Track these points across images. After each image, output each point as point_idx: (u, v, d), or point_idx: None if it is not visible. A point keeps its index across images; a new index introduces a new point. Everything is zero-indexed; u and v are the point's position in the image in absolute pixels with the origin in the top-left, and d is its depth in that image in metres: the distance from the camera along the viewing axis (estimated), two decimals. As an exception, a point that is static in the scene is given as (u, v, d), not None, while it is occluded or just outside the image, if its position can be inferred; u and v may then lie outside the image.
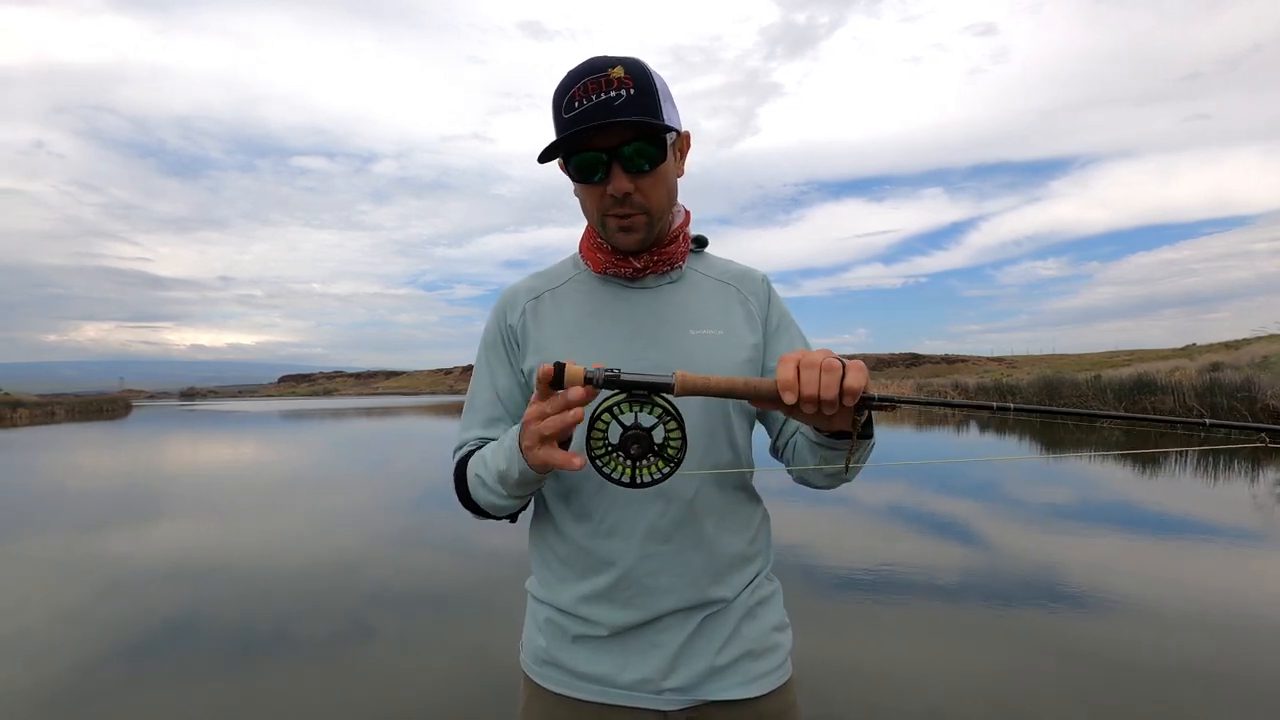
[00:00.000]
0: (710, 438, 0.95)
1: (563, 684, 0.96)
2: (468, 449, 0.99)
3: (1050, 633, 3.40)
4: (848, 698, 2.74)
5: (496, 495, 0.90)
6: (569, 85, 0.88)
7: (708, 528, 0.94)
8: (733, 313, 1.02)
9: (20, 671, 3.20)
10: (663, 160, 0.91)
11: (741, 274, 1.07)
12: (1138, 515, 6.20)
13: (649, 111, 0.87)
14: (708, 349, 0.97)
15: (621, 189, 0.90)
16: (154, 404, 71.74)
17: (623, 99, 0.85)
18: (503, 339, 1.02)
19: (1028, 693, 2.77)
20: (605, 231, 0.96)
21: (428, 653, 3.31)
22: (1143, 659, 3.07)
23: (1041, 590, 4.04)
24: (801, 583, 4.28)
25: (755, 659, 0.97)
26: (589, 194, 0.94)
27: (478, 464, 0.92)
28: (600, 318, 0.99)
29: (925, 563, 4.67)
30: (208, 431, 22.81)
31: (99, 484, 10.06)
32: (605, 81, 0.86)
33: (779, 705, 0.98)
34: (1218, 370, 16.50)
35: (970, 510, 6.54)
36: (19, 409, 30.02)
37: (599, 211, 0.94)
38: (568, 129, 0.87)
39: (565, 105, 0.88)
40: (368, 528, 6.32)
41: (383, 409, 39.63)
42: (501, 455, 0.87)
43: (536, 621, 1.01)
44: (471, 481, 0.92)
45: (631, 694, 0.93)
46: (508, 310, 1.03)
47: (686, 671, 0.93)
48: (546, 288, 1.03)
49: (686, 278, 1.03)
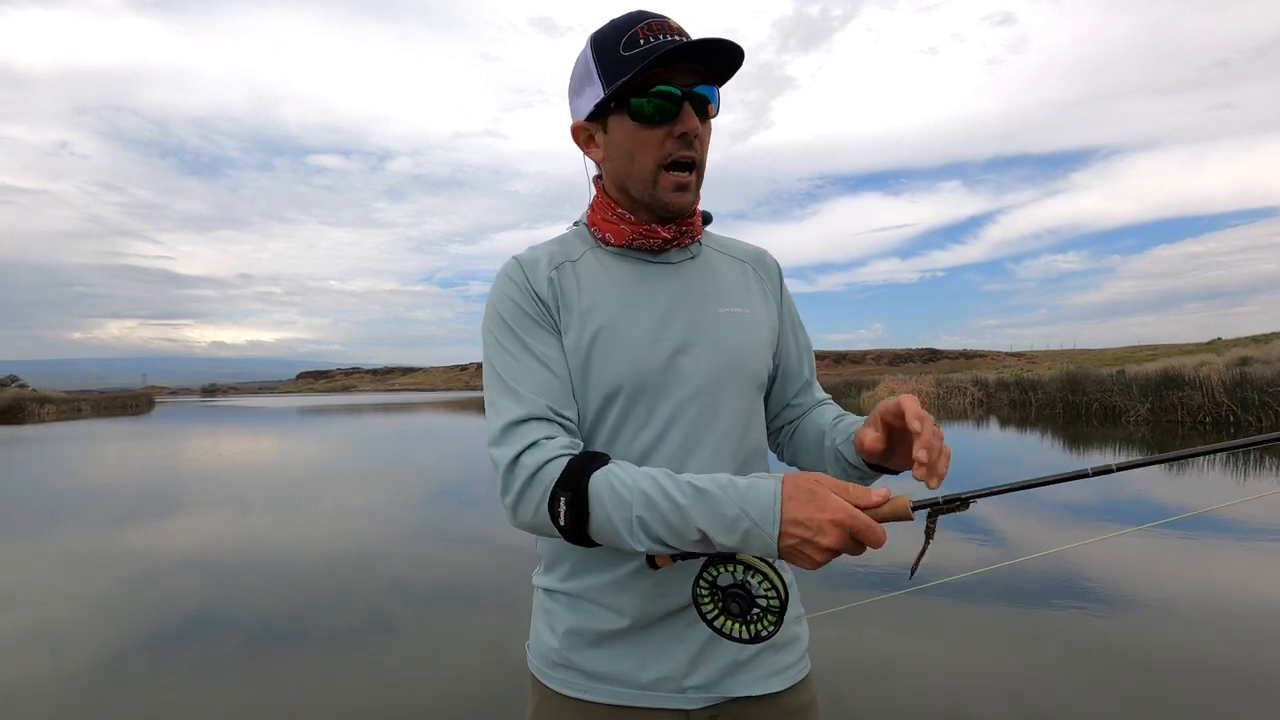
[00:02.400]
0: (748, 420, 0.95)
1: (576, 687, 0.90)
2: (560, 450, 0.80)
3: (1072, 632, 3.34)
4: (865, 698, 2.71)
5: (664, 547, 0.75)
6: (625, 26, 0.85)
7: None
8: (753, 291, 1.00)
9: (48, 662, 3.27)
10: (716, 114, 0.90)
11: (755, 254, 1.05)
12: (1163, 511, 6.08)
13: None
14: (738, 327, 0.95)
15: (694, 126, 0.86)
16: (176, 400, 73.02)
17: (686, 41, 0.83)
18: (536, 304, 0.89)
19: (1049, 694, 2.72)
20: (657, 189, 0.88)
21: (446, 646, 3.33)
22: (1168, 660, 3.01)
23: (1063, 589, 3.97)
24: (816, 580, 4.24)
25: (776, 652, 0.94)
26: (647, 141, 0.86)
27: (641, 504, 0.74)
28: (631, 293, 0.92)
29: (943, 560, 4.61)
30: (229, 427, 23.16)
31: (125, 478, 10.24)
32: (668, 25, 0.84)
33: (801, 700, 0.95)
34: (1247, 365, 16.13)
35: (987, 505, 6.44)
36: (46, 405, 30.66)
37: (657, 162, 0.87)
38: (635, 64, 0.82)
39: (626, 44, 0.84)
40: (386, 522, 6.36)
41: (400, 405, 40.01)
42: (716, 524, 0.71)
43: (548, 617, 0.95)
44: (622, 520, 0.74)
45: (652, 694, 0.88)
46: (530, 277, 0.90)
47: (709, 668, 0.89)
48: (565, 258, 0.93)
49: (704, 254, 0.99)
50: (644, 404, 0.88)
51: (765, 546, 0.70)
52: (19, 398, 30.54)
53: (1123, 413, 15.16)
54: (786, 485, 0.71)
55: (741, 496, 0.71)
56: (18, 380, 45.20)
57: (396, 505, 7.40)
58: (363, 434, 19.46)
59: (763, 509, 0.70)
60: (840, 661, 3.03)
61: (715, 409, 0.90)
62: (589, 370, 0.88)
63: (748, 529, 0.70)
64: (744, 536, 0.70)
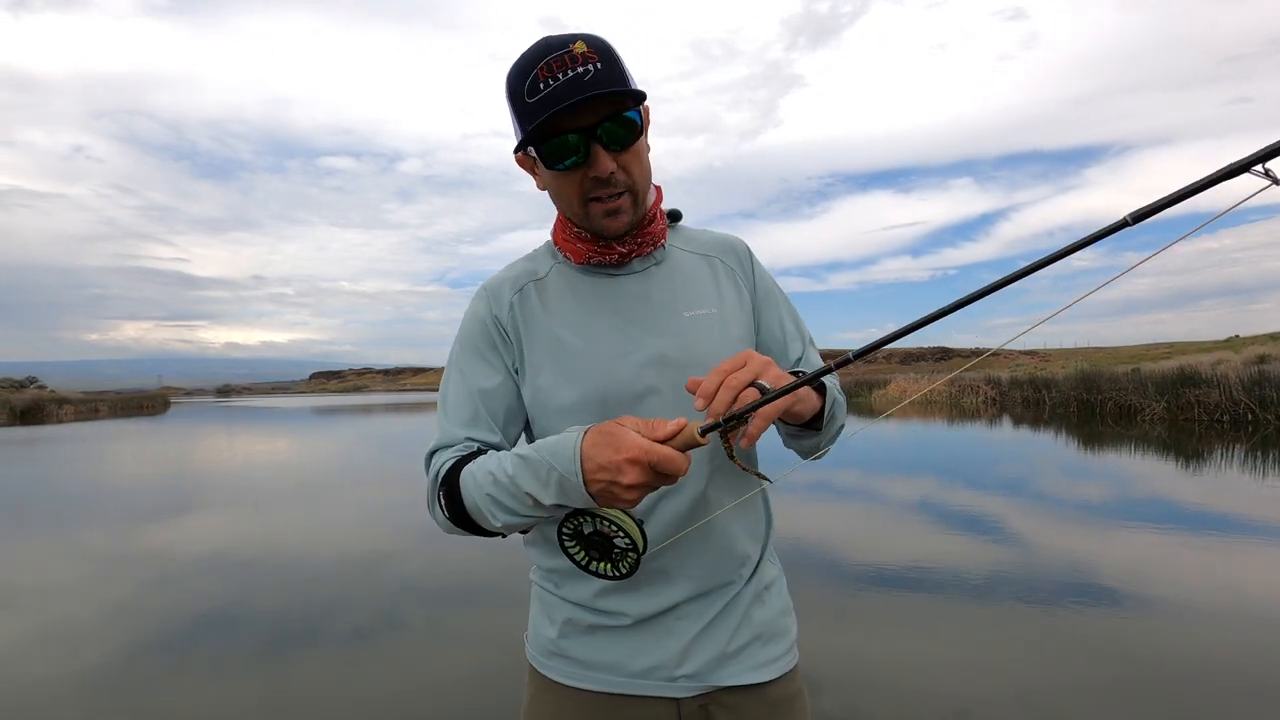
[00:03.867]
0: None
1: (571, 675, 0.94)
2: (453, 456, 0.89)
3: (1085, 632, 3.31)
4: (875, 697, 2.70)
5: (518, 518, 0.82)
6: (528, 67, 0.82)
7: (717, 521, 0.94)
8: (722, 286, 0.99)
9: (67, 659, 3.31)
10: (640, 134, 0.87)
11: (721, 243, 1.04)
12: (1178, 511, 6.01)
13: (620, 83, 0.82)
14: (704, 329, 0.95)
15: (605, 169, 0.84)
16: (191, 400, 73.82)
17: (591, 74, 0.80)
18: (492, 333, 0.95)
19: (1062, 694, 2.70)
20: (588, 219, 0.90)
21: (460, 643, 3.35)
22: (1183, 661, 2.97)
23: (1076, 588, 3.94)
24: (828, 579, 4.23)
25: (765, 644, 0.97)
26: (566, 181, 0.87)
27: (489, 483, 0.82)
28: (592, 309, 0.94)
29: (955, 559, 4.58)
30: (244, 427, 23.38)
31: (142, 478, 10.37)
32: (569, 58, 0.80)
33: (788, 690, 0.98)
34: (1265, 363, 15.89)
35: (1002, 505, 6.39)
36: (65, 406, 31.10)
37: (580, 198, 0.88)
38: (537, 113, 0.81)
39: (528, 89, 0.82)
40: (399, 521, 6.41)
41: (410, 405, 40.22)
42: (533, 480, 0.78)
43: (548, 615, 0.98)
44: (480, 500, 0.83)
45: (643, 682, 0.92)
46: (493, 303, 0.96)
47: (699, 657, 0.92)
48: (530, 279, 0.97)
49: (670, 256, 0.99)
50: (614, 416, 0.90)
51: (578, 494, 0.74)
52: (38, 399, 30.98)
53: (1138, 411, 14.98)
54: (588, 434, 0.75)
55: (550, 452, 0.76)
56: (36, 381, 45.86)
57: (409, 505, 7.45)
58: (375, 433, 19.59)
59: (565, 460, 0.75)
60: (850, 662, 3.02)
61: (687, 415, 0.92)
62: (557, 387, 0.91)
63: (559, 480, 0.75)
64: (558, 488, 0.75)
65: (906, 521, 5.91)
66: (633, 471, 0.71)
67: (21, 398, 30.56)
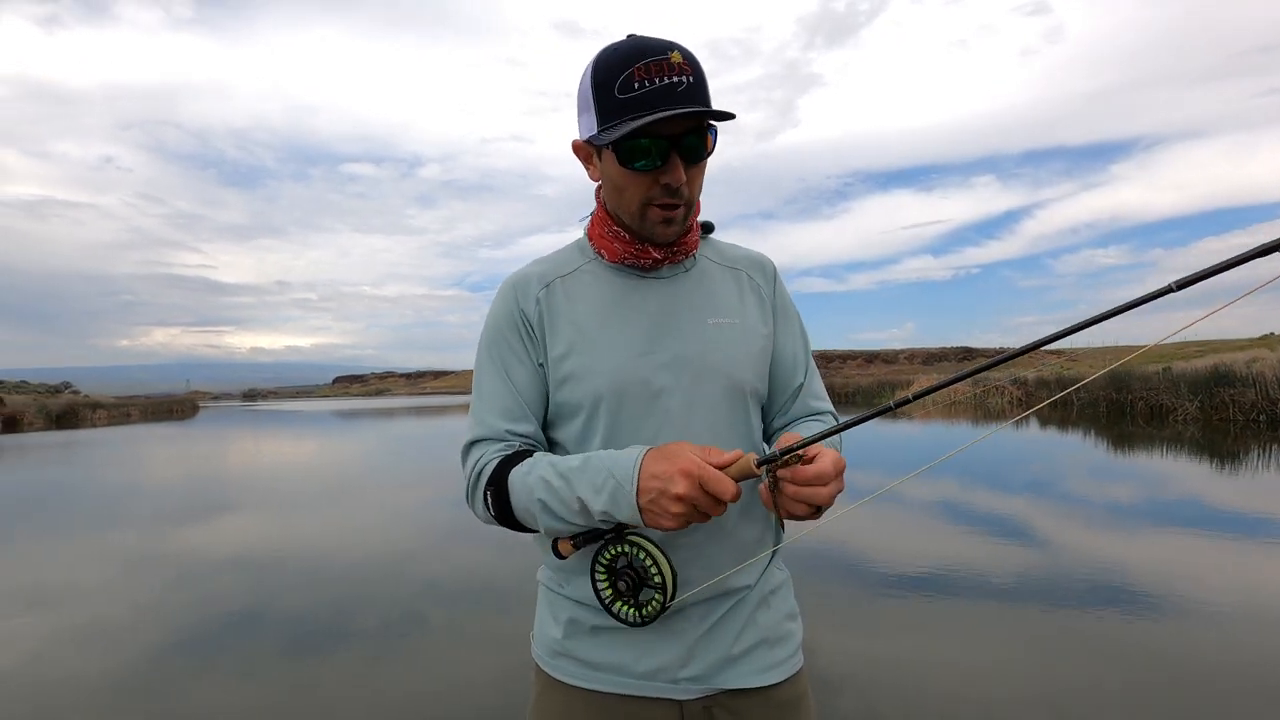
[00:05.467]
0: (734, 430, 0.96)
1: (577, 675, 0.95)
2: (497, 454, 0.91)
3: (1113, 637, 3.23)
4: (898, 702, 2.66)
5: (563, 524, 0.84)
6: (623, 64, 0.84)
7: (729, 520, 0.94)
8: (746, 300, 1.02)
9: (97, 657, 3.39)
10: (712, 152, 0.90)
11: (750, 260, 1.06)
12: (1212, 513, 5.85)
13: (708, 101, 0.86)
14: (726, 338, 0.97)
15: (679, 179, 0.87)
16: (218, 405, 75.26)
17: (684, 85, 0.83)
18: (519, 327, 0.96)
19: (1090, 702, 2.64)
20: (644, 222, 0.92)
21: (477, 643, 3.37)
22: (1215, 669, 2.89)
23: (1106, 593, 3.85)
24: (850, 581, 4.18)
25: (770, 647, 0.97)
26: (635, 181, 0.89)
27: (540, 488, 0.84)
28: (619, 308, 0.96)
29: (981, 562, 4.51)
30: (270, 430, 23.78)
31: (172, 480, 10.59)
32: (667, 65, 0.83)
33: (792, 693, 0.98)
34: (1302, 360, 15.41)
35: (1028, 507, 6.28)
36: (98, 410, 31.95)
37: (643, 200, 0.90)
38: (630, 110, 0.83)
39: (620, 85, 0.84)
40: (421, 522, 6.47)
41: (433, 408, 40.61)
42: (588, 487, 0.80)
43: (554, 614, 0.99)
44: (531, 505, 0.85)
45: (648, 683, 0.92)
46: (519, 297, 0.96)
47: (703, 660, 0.92)
48: (556, 275, 0.98)
49: (699, 265, 1.01)
50: (629, 414, 0.91)
51: (628, 501, 0.77)
52: (73, 403, 31.86)
53: (1170, 411, 14.63)
54: (650, 450, 0.80)
55: (612, 460, 0.81)
56: (71, 386, 47.11)
57: (431, 506, 7.52)
58: (397, 436, 19.81)
59: (624, 467, 0.79)
60: (872, 664, 2.98)
61: (702, 419, 0.93)
62: (576, 382, 0.93)
63: (613, 487, 0.78)
64: (611, 495, 0.78)
65: (929, 523, 5.83)
66: (683, 483, 0.74)
67: (57, 402, 31.43)
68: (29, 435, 22.19)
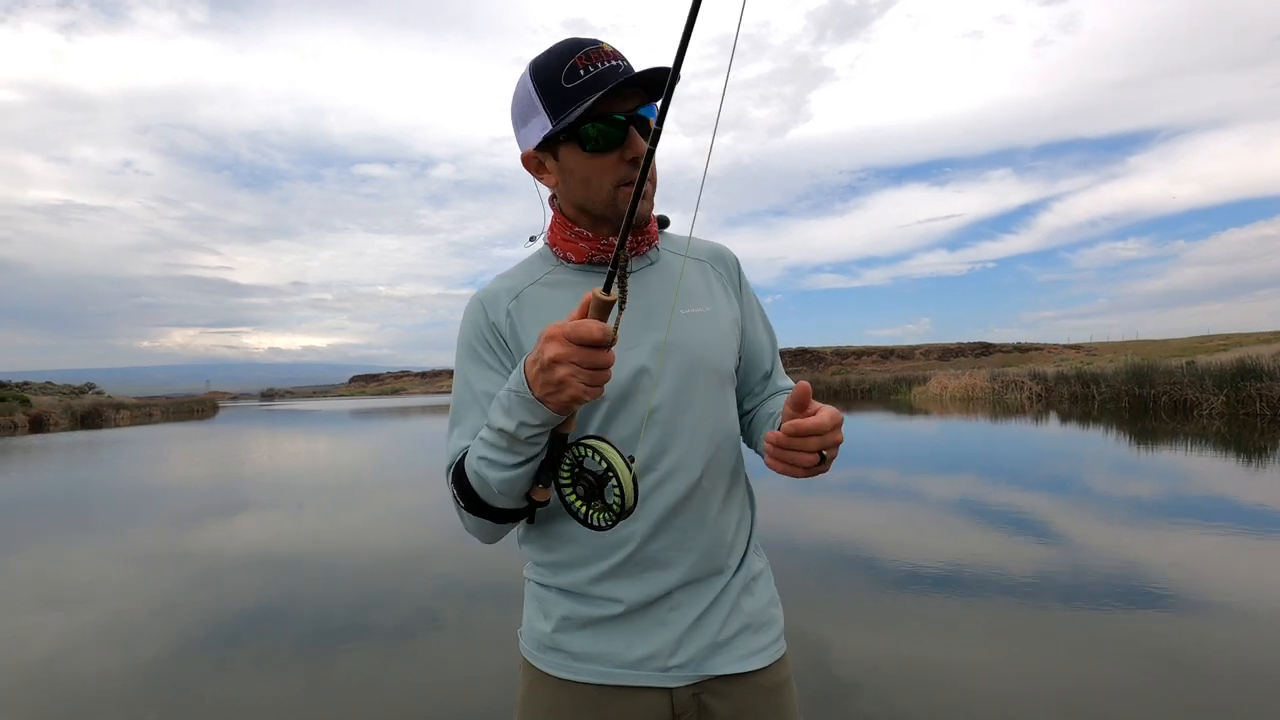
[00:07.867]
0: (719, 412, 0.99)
1: (565, 668, 0.96)
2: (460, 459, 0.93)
3: (1134, 635, 3.18)
4: (915, 700, 2.63)
5: (510, 469, 0.83)
6: (563, 57, 0.87)
7: (712, 506, 0.97)
8: (714, 289, 1.05)
9: (119, 652, 3.44)
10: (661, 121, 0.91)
11: (712, 251, 1.09)
12: (1238, 509, 5.73)
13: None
14: (700, 326, 0.99)
15: (641, 150, 0.87)
16: (237, 404, 76.32)
17: (623, 67, 0.87)
18: (489, 338, 0.97)
19: (1107, 699, 2.59)
20: (615, 204, 0.92)
21: (489, 641, 3.38)
22: (1238, 667, 2.83)
23: (1129, 592, 3.78)
24: (867, 579, 4.15)
25: (754, 633, 0.99)
26: (600, 167, 0.90)
27: (479, 447, 0.86)
28: None
29: (999, 559, 4.45)
30: (287, 430, 24.07)
31: (194, 478, 10.75)
32: (604, 53, 0.87)
33: (777, 678, 1.00)
34: (1331, 353, 15.07)
35: (1048, 503, 6.19)
36: (121, 410, 32.54)
37: (614, 183, 0.91)
38: (583, 93, 0.85)
39: (567, 75, 0.86)
40: (433, 521, 6.50)
41: (447, 406, 40.85)
42: (500, 413, 0.81)
43: (541, 607, 1.00)
44: (477, 467, 0.86)
45: (637, 672, 0.93)
46: (488, 309, 0.98)
47: (691, 647, 0.94)
48: (525, 284, 0.99)
49: (663, 258, 1.03)
50: (614, 409, 0.93)
51: (527, 398, 0.78)
52: (97, 404, 32.46)
53: (1194, 406, 14.37)
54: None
55: (510, 379, 0.83)
56: (94, 387, 47.99)
57: (446, 504, 7.56)
58: (412, 434, 19.96)
59: (515, 376, 0.80)
60: (889, 662, 2.95)
61: (687, 406, 0.95)
62: None
63: (513, 398, 0.79)
64: (516, 405, 0.79)
65: (947, 520, 5.76)
66: (552, 347, 0.74)
67: (82, 403, 32.03)
68: (56, 435, 22.64)
